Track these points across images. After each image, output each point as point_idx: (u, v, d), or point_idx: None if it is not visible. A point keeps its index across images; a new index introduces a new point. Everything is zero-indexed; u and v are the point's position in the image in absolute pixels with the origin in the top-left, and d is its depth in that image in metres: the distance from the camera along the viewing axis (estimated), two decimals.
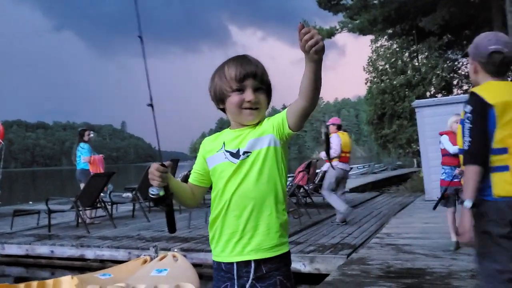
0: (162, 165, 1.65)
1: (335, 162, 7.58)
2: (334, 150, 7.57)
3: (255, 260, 1.67)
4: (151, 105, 1.87)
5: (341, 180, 7.98)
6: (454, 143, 5.16)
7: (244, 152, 1.70)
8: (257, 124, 1.76)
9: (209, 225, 1.79)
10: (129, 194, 10.22)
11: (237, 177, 1.68)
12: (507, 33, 15.64)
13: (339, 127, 7.99)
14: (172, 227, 1.81)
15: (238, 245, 1.68)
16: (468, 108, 2.30)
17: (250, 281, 1.67)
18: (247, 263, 1.68)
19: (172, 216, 1.79)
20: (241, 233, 1.68)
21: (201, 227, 7.62)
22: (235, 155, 1.71)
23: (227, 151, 1.73)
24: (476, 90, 2.33)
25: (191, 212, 7.72)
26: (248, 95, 1.70)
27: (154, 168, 1.64)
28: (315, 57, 1.45)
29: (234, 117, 1.76)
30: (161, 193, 1.66)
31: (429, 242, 5.62)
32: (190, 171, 1.81)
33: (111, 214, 8.82)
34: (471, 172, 2.22)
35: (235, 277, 1.69)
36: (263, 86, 1.74)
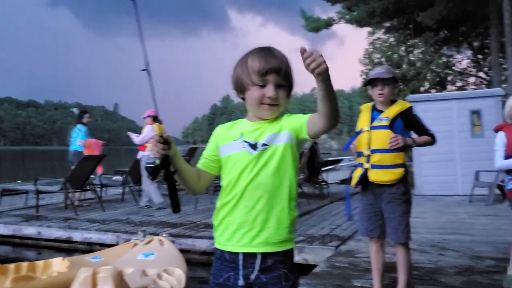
0: (162, 136, 1.63)
1: (146, 152, 7.85)
2: (140, 139, 8.14)
3: (261, 253, 1.67)
4: (146, 70, 1.85)
5: None
6: None
7: (263, 145, 1.69)
8: (276, 118, 1.75)
9: (215, 212, 1.77)
10: (120, 177, 10.18)
11: (253, 168, 1.67)
12: (503, 31, 15.67)
13: (155, 119, 8.04)
14: (175, 206, 1.78)
15: (247, 236, 1.67)
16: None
17: (255, 272, 1.67)
18: (253, 254, 1.67)
19: (174, 193, 1.76)
20: (251, 224, 1.67)
21: (191, 213, 7.62)
22: (254, 146, 1.70)
23: (245, 141, 1.72)
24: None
25: (180, 198, 7.68)
26: (269, 91, 1.68)
27: (153, 137, 1.64)
28: (320, 77, 1.44)
29: (253, 110, 1.75)
30: (157, 161, 1.65)
31: (417, 237, 5.62)
32: (183, 156, 1.79)
33: (101, 197, 8.78)
34: None
35: (240, 268, 1.68)
36: (286, 83, 1.72)
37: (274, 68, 1.67)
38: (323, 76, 1.44)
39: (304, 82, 1.49)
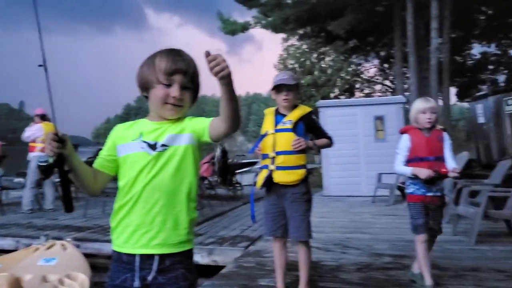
0: (56, 134, 1.57)
1: (36, 153, 7.77)
2: (26, 136, 7.88)
3: (159, 254, 1.67)
4: (43, 66, 1.78)
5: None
6: (418, 146, 3.55)
7: (162, 145, 1.68)
8: (178, 119, 1.76)
9: (112, 214, 1.74)
10: (22, 179, 9.62)
11: (152, 169, 1.66)
12: (407, 42, 16.77)
13: (43, 117, 7.98)
14: (68, 205, 1.71)
15: (144, 237, 1.66)
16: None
17: (152, 273, 1.66)
18: (150, 256, 1.66)
19: (68, 191, 1.69)
20: (148, 225, 1.66)
21: (98, 216, 7.38)
22: (152, 146, 1.69)
23: (144, 141, 1.70)
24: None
25: (87, 201, 7.45)
26: (174, 91, 1.69)
27: (48, 135, 1.56)
28: (222, 81, 1.49)
29: (156, 109, 1.75)
30: (50, 160, 1.59)
31: (322, 236, 5.88)
32: (90, 157, 1.74)
33: (0, 200, 8.25)
34: None
35: (137, 269, 1.67)
36: (192, 86, 1.74)
37: (181, 69, 1.69)
38: (226, 80, 1.49)
39: None
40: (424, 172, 3.45)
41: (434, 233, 3.63)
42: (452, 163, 3.48)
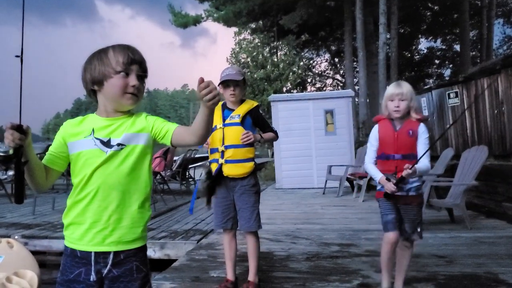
0: (20, 126, 1.53)
1: None
2: None
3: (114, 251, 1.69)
4: (20, 56, 1.77)
5: None
6: (385, 141, 3.14)
7: (118, 144, 1.69)
8: (130, 116, 1.77)
9: (66, 210, 1.74)
10: None
11: (108, 167, 1.67)
12: (356, 38, 17.17)
13: None
14: (19, 197, 1.65)
15: (99, 235, 1.67)
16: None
17: (107, 267, 1.68)
18: (105, 252, 1.68)
19: (21, 183, 1.64)
20: (104, 224, 1.67)
21: (48, 213, 7.23)
22: (106, 144, 1.69)
23: (97, 138, 1.70)
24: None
25: (36, 198, 7.27)
26: (133, 79, 1.71)
27: (9, 125, 1.52)
28: (211, 107, 1.56)
29: (112, 101, 1.74)
30: (10, 151, 1.58)
31: (274, 227, 6.02)
32: (39, 153, 1.73)
33: None
34: None
35: (93, 264, 1.68)
36: (144, 77, 1.78)
37: (137, 60, 1.73)
38: (213, 106, 1.56)
39: (175, 79, 1.56)
40: (388, 187, 3.02)
41: (407, 237, 3.17)
42: (423, 161, 2.99)
